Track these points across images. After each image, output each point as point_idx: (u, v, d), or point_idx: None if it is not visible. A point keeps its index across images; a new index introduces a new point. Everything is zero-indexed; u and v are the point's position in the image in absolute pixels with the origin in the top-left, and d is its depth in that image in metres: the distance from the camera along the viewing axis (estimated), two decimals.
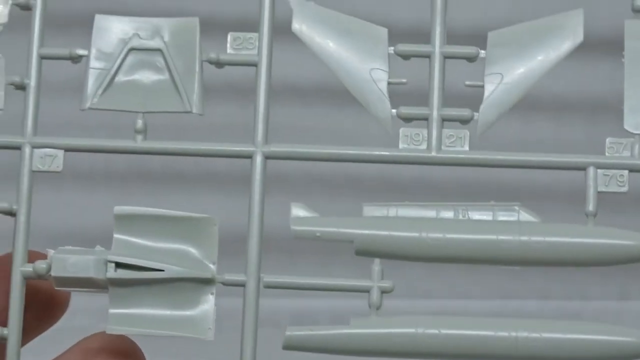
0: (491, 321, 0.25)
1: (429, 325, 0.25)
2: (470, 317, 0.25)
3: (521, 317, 0.25)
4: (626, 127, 0.25)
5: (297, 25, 0.26)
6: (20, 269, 0.25)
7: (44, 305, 0.26)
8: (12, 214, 0.25)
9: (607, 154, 0.25)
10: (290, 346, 0.25)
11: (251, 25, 0.26)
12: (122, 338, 0.25)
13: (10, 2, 0.25)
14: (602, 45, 0.28)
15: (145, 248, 0.25)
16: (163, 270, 0.25)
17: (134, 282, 0.25)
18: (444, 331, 0.25)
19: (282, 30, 0.26)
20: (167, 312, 0.25)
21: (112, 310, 0.25)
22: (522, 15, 0.26)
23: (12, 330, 0.25)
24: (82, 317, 0.33)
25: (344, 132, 0.30)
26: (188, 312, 0.25)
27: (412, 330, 0.25)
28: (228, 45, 0.26)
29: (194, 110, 0.26)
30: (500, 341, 0.24)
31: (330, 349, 0.25)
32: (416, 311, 0.26)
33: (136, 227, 0.25)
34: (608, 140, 0.25)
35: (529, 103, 0.26)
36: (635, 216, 0.28)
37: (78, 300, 0.27)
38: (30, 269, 0.25)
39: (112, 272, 0.24)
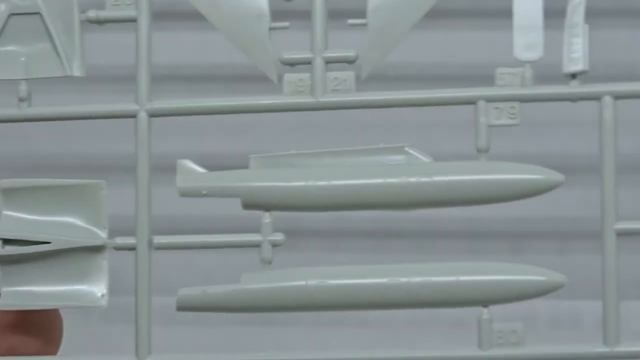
0: (381, 268, 0.24)
1: (318, 276, 0.24)
2: (359, 266, 0.24)
3: None
4: (515, 54, 0.24)
5: None
6: None
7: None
8: None
9: (497, 84, 0.24)
10: (184, 307, 0.25)
11: None
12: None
13: None
14: None
15: (34, 222, 0.25)
16: (50, 243, 0.24)
17: (24, 257, 0.25)
18: (332, 282, 0.24)
19: None
20: (61, 284, 0.25)
21: (4, 288, 0.25)
22: None
23: None
24: None
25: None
26: (82, 281, 0.25)
27: (302, 282, 0.24)
28: (107, 3, 0.25)
29: (75, 73, 0.25)
30: (390, 288, 0.24)
31: (223, 308, 0.25)
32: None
33: (24, 200, 0.25)
34: (498, 70, 0.24)
35: None
36: (530, 147, 0.27)
37: None
38: None
39: None
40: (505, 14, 0.24)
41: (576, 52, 0.24)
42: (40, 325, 0.26)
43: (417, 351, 0.24)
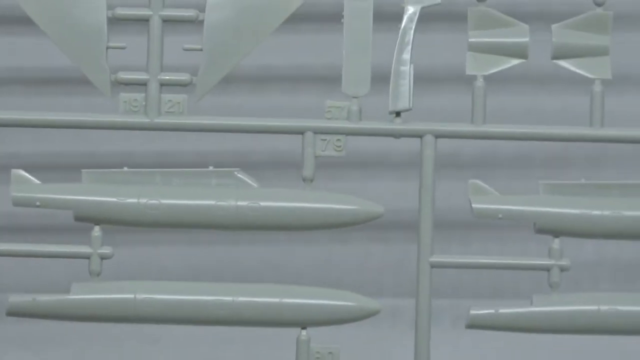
0: (210, 286, 0.25)
1: (147, 290, 0.25)
2: (189, 282, 0.26)
3: None
4: (343, 90, 0.25)
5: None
6: None
7: None
8: None
9: (326, 117, 0.25)
10: (14, 313, 0.25)
11: None
12: None
13: None
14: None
15: None
16: None
17: None
18: (159, 296, 0.25)
19: None
20: None
21: None
22: None
23: None
24: None
25: None
26: None
27: (131, 296, 0.25)
28: None
29: None
30: (216, 306, 0.25)
31: (52, 316, 0.26)
32: None
33: None
34: (327, 103, 0.25)
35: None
36: (354, 181, 0.28)
37: None
38: None
39: None
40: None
41: (402, 91, 0.25)
42: None
43: None
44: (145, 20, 0.25)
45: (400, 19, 0.25)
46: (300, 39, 0.31)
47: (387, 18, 0.26)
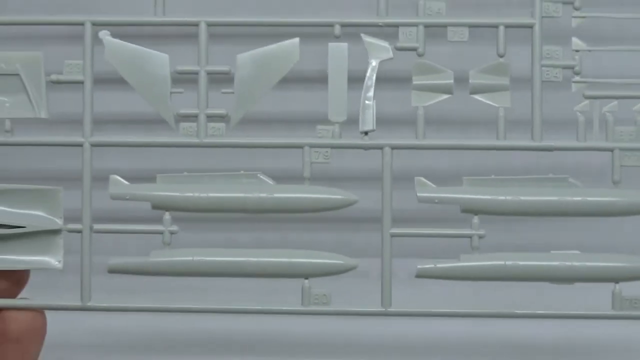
0: (244, 251, 0.38)
1: (200, 254, 0.38)
2: (229, 249, 0.38)
3: None
4: (329, 117, 0.38)
5: (108, 56, 0.38)
6: None
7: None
8: None
9: (317, 136, 0.38)
10: (113, 270, 0.38)
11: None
12: None
13: None
14: None
15: (12, 213, 0.38)
16: (24, 227, 0.38)
17: (5, 236, 0.38)
18: (208, 258, 0.38)
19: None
20: (32, 254, 0.38)
21: None
22: None
23: None
24: None
25: None
26: (45, 253, 0.38)
27: (189, 258, 0.38)
28: (64, 70, 0.38)
29: (42, 116, 0.38)
30: (246, 265, 0.38)
31: (140, 272, 0.38)
32: None
33: (7, 198, 0.38)
34: (318, 127, 0.38)
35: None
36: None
37: None
38: None
39: None
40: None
41: (367, 118, 0.37)
42: (13, 275, 0.39)
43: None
44: (195, 74, 0.38)
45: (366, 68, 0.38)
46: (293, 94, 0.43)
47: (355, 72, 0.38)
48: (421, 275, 0.37)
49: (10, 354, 0.37)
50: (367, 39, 0.38)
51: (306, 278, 0.38)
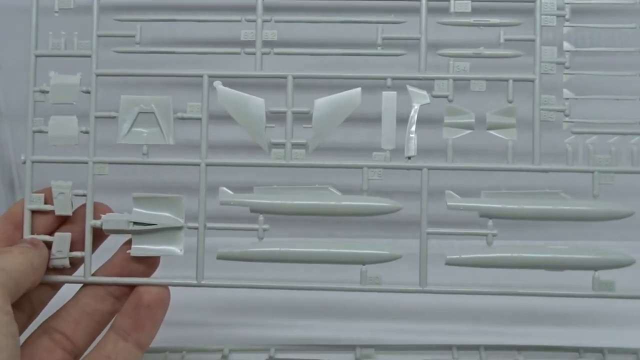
0: (319, 241, 0.51)
1: (285, 245, 0.51)
2: (305, 239, 0.51)
3: None
4: (382, 146, 0.51)
5: (220, 100, 0.52)
6: (90, 223, 0.52)
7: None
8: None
9: (373, 160, 0.51)
10: (222, 257, 0.51)
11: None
12: None
13: None
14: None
15: (147, 214, 0.52)
16: (156, 225, 0.51)
17: (144, 231, 0.51)
18: (290, 249, 0.51)
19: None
20: (160, 244, 0.51)
21: (134, 245, 0.51)
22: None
23: (87, 253, 0.52)
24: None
25: None
26: (170, 244, 0.51)
27: (277, 248, 0.51)
28: (187, 109, 0.52)
29: (170, 143, 0.52)
30: (321, 254, 0.51)
31: (240, 258, 0.51)
32: None
33: (144, 203, 0.52)
34: (373, 153, 0.51)
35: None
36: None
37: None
38: (93, 224, 0.52)
39: (131, 227, 0.51)
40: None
41: (410, 147, 0.51)
42: (147, 260, 0.52)
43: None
44: (283, 113, 0.52)
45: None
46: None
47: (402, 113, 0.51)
48: (450, 263, 0.50)
49: (143, 316, 0.50)
50: (411, 88, 0.51)
51: (363, 264, 0.51)
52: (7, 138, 0.67)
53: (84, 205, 0.51)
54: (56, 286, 0.52)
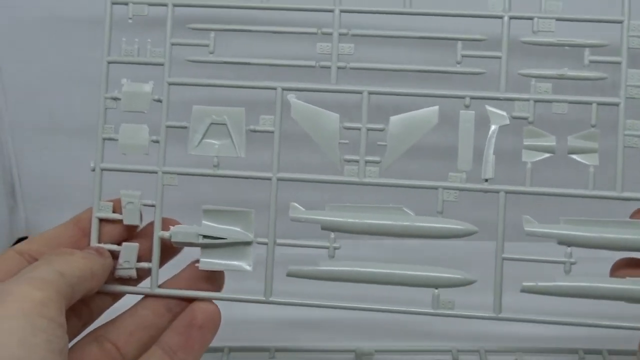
0: (388, 264, 0.50)
1: (358, 266, 0.50)
2: (374, 261, 0.50)
3: None
4: (458, 166, 0.50)
5: (294, 114, 0.51)
6: (158, 234, 0.51)
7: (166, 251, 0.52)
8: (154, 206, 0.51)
9: (449, 181, 0.50)
10: (292, 274, 0.50)
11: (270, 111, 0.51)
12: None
13: None
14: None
15: (217, 227, 0.51)
16: (226, 238, 0.50)
17: (213, 245, 0.50)
18: (361, 269, 0.50)
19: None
20: (229, 259, 0.51)
21: (202, 259, 0.51)
22: None
23: (154, 264, 0.51)
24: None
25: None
26: (239, 259, 0.51)
27: (350, 268, 0.50)
28: (259, 122, 0.51)
29: (242, 155, 0.51)
30: (393, 276, 0.50)
31: (311, 277, 0.50)
32: None
33: (214, 216, 0.51)
34: (449, 174, 0.50)
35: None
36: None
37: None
38: (161, 235, 0.51)
39: (200, 240, 0.50)
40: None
41: (488, 168, 0.49)
42: (214, 279, 0.51)
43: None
44: (358, 129, 0.50)
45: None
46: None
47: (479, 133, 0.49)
48: (526, 290, 0.49)
49: (194, 336, 0.49)
50: (489, 108, 0.50)
51: (436, 288, 0.50)
52: (7, 138, 0.67)
53: (152, 223, 0.50)
54: (117, 297, 0.51)
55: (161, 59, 0.52)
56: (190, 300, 0.50)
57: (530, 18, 0.49)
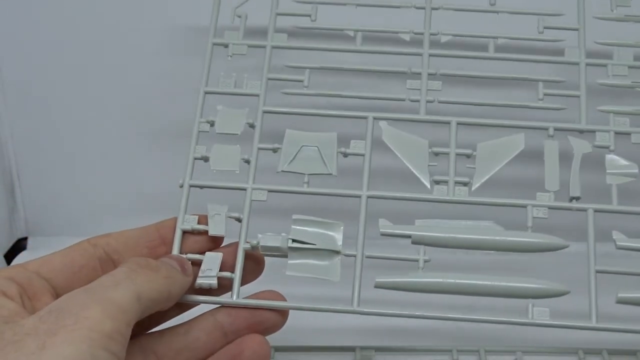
0: (473, 276, 0.50)
1: (447, 277, 0.49)
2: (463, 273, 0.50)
3: None
4: (546, 187, 0.51)
5: (384, 138, 0.53)
6: (243, 245, 0.51)
7: (254, 265, 0.51)
8: (239, 220, 0.51)
9: (537, 199, 0.51)
10: (379, 286, 0.50)
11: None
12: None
13: None
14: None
15: (307, 232, 0.50)
16: (315, 244, 0.50)
17: (301, 249, 0.50)
18: (451, 280, 0.49)
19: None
20: (317, 269, 0.50)
21: (289, 266, 0.50)
22: None
23: (237, 276, 0.50)
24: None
25: None
26: (328, 268, 0.50)
27: (440, 280, 0.49)
28: (350, 146, 0.53)
29: (333, 173, 0.52)
30: (476, 287, 0.49)
31: (398, 288, 0.49)
32: None
33: (302, 225, 0.51)
34: (537, 193, 0.51)
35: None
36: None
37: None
38: (248, 246, 0.50)
39: (289, 243, 0.50)
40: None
41: (575, 186, 0.51)
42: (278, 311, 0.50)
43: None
44: (446, 154, 0.53)
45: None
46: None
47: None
48: (621, 301, 0.48)
49: None
50: (571, 138, 0.53)
51: (529, 298, 0.49)
52: (7, 139, 0.67)
53: (236, 243, 0.50)
54: (185, 308, 0.49)
55: (257, 90, 0.54)
56: (253, 328, 0.48)
57: (604, 65, 0.54)
